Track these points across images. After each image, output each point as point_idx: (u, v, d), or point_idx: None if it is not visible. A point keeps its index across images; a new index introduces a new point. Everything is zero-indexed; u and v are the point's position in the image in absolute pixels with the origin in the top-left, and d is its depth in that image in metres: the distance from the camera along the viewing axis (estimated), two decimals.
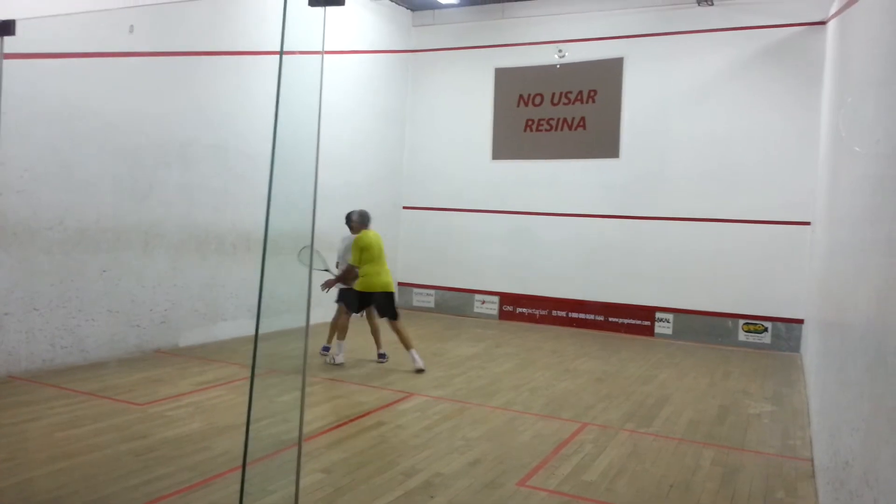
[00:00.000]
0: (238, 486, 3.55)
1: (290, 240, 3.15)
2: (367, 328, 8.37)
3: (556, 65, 11.74)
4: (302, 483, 4.26)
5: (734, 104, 10.83)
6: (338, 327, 8.12)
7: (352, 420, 5.90)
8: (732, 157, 10.83)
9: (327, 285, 7.75)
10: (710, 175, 10.97)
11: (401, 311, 8.29)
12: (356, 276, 7.84)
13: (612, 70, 11.61)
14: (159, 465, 4.61)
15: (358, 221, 8.18)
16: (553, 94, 12.04)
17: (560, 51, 11.02)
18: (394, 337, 8.03)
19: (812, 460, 5.36)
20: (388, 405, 6.45)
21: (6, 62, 3.35)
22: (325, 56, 3.36)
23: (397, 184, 13.33)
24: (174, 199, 8.47)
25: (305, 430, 5.39)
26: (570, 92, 11.90)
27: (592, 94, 11.75)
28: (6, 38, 2.94)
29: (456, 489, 4.47)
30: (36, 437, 5.06)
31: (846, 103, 5.34)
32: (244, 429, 3.07)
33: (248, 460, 3.10)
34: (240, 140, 9.25)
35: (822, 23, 10.04)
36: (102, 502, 3.98)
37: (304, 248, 6.53)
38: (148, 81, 8.09)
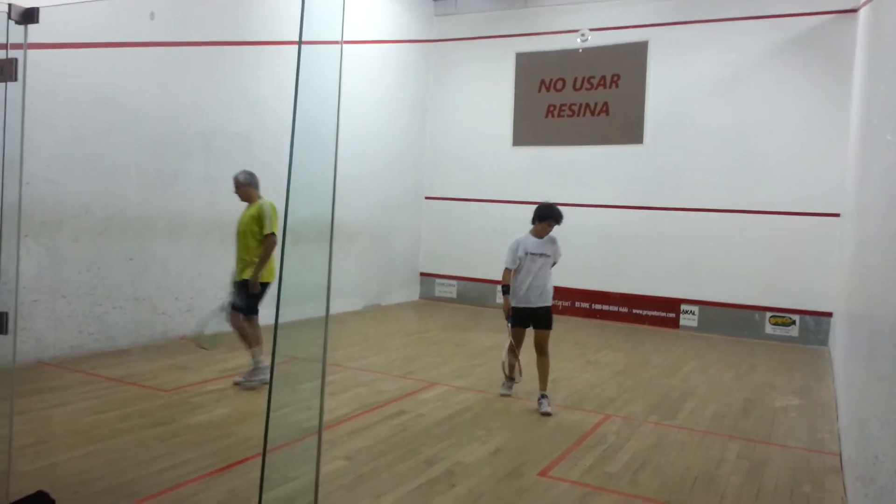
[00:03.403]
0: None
1: (311, 229, 3.14)
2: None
3: (578, 49, 11.57)
4: (324, 470, 4.28)
5: (762, 93, 10.65)
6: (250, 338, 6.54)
7: (374, 408, 5.92)
8: (760, 148, 10.66)
9: (255, 282, 6.38)
10: (737, 165, 10.80)
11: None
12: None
13: (636, 54, 11.44)
14: (184, 451, 4.66)
15: (249, 182, 6.64)
16: (575, 79, 11.89)
17: (583, 34, 10.86)
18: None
19: (840, 454, 5.27)
20: (409, 394, 6.46)
21: (33, 52, 3.38)
22: (348, 47, 3.34)
23: (419, 174, 13.32)
24: (198, 188, 8.53)
25: (328, 417, 5.42)
26: (593, 77, 11.74)
27: (616, 78, 11.58)
28: (30, 27, 2.97)
29: (477, 478, 4.46)
30: (63, 422, 5.14)
31: (879, 92, 5.21)
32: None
33: (269, 447, 3.11)
34: (263, 130, 9.28)
35: (854, 10, 9.82)
36: (128, 486, 4.03)
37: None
38: (172, 71, 8.14)
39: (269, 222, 6.45)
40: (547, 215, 6.29)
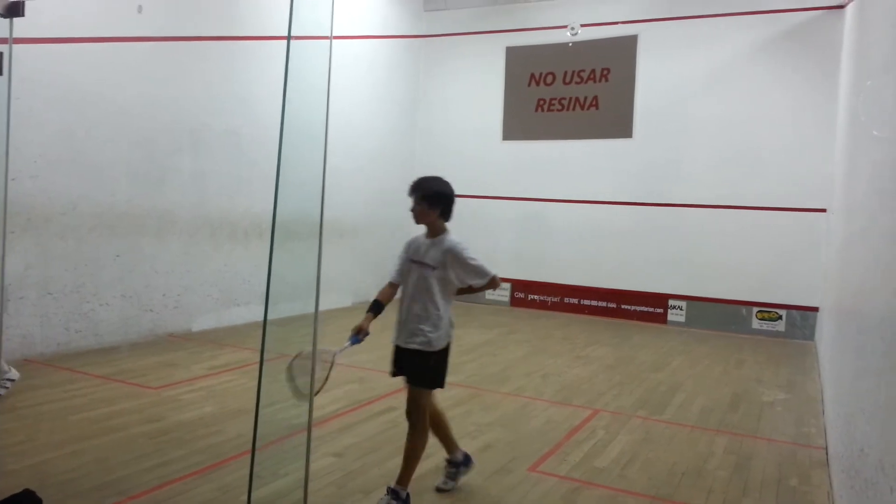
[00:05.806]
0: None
1: (300, 225, 3.13)
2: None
3: (568, 42, 11.58)
4: (313, 466, 4.27)
5: (750, 88, 10.70)
6: None
7: (364, 405, 5.91)
8: (748, 143, 10.71)
9: None
10: (725, 161, 10.86)
11: None
12: None
13: (625, 48, 11.47)
14: (172, 448, 4.64)
15: None
16: (565, 73, 11.91)
17: (572, 28, 10.86)
18: None
19: (826, 448, 5.32)
20: (399, 390, 6.43)
21: (21, 47, 3.35)
22: (337, 42, 3.33)
23: (409, 170, 13.27)
24: (187, 185, 8.48)
25: (317, 414, 5.40)
26: (583, 70, 11.76)
27: (605, 72, 11.61)
28: (16, 21, 2.94)
29: (467, 474, 4.46)
30: (51, 420, 5.10)
31: (865, 87, 5.25)
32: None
33: (259, 444, 3.11)
34: (252, 126, 9.24)
35: (841, 6, 9.88)
36: (116, 484, 4.01)
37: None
38: (160, 67, 8.08)
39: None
40: (411, 189, 4.12)
